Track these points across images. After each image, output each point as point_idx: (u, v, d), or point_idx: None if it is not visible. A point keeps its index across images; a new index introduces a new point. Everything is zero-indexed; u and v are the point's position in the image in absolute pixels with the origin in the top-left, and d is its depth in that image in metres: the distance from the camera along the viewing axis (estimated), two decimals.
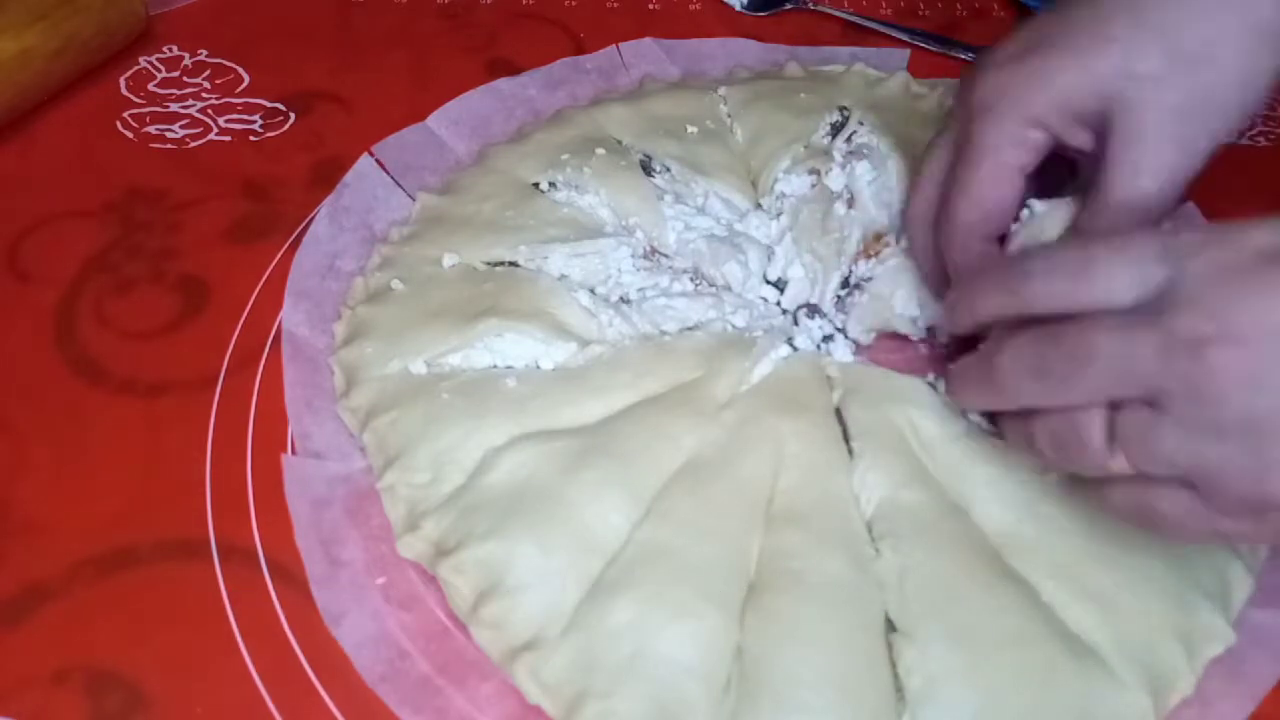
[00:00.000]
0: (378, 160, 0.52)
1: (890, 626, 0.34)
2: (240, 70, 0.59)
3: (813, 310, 0.46)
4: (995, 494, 0.37)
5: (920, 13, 0.67)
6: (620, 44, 0.61)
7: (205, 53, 0.60)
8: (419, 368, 0.41)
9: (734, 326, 0.44)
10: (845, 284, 0.46)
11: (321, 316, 0.45)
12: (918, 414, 0.39)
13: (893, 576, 0.35)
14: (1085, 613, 0.35)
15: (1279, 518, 0.28)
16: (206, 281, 0.47)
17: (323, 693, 0.34)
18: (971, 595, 0.35)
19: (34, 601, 0.36)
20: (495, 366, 0.42)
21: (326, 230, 0.48)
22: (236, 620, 0.36)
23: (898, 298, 0.44)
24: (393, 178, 0.52)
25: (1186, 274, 0.27)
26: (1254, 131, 0.58)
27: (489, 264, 0.46)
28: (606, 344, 0.42)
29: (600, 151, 0.50)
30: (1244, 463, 0.26)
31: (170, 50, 0.60)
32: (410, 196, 0.51)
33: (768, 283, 0.47)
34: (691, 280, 0.46)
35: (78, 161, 0.53)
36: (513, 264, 0.46)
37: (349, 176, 0.51)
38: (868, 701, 0.33)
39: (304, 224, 0.49)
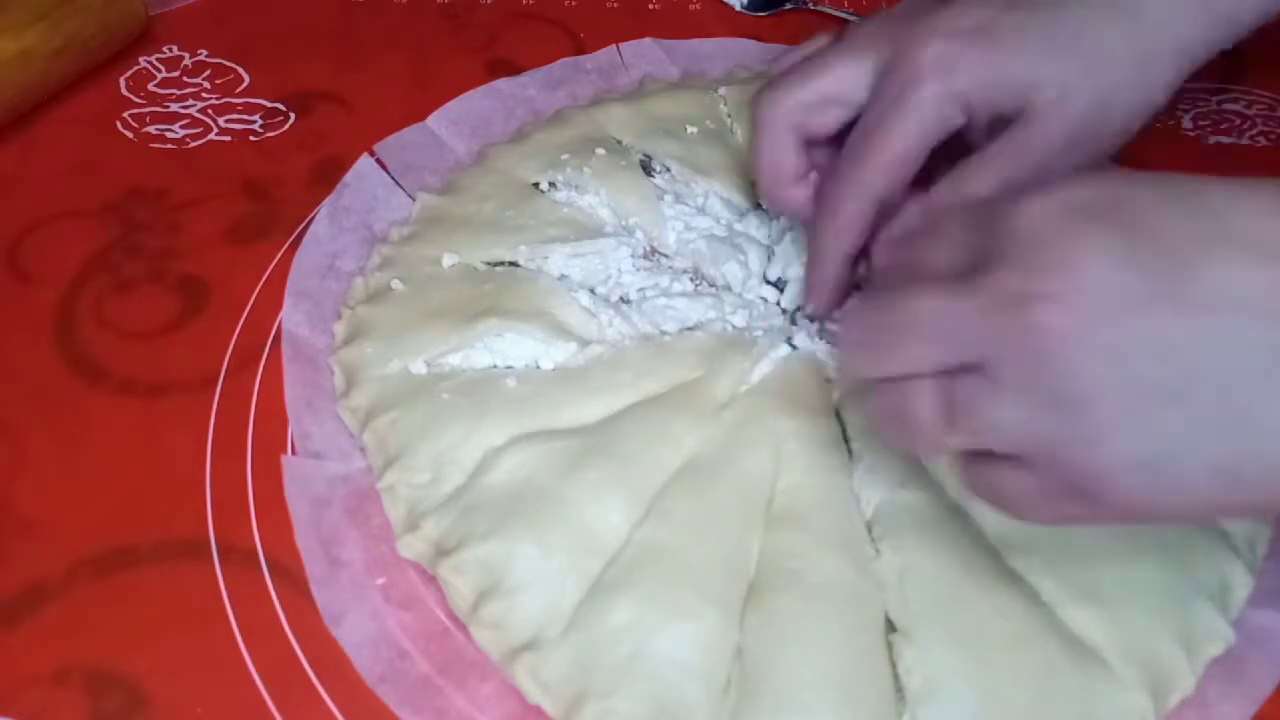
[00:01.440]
0: (378, 160, 0.52)
1: (890, 627, 0.34)
2: (240, 70, 0.59)
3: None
4: None
5: None
6: (620, 44, 0.61)
7: (205, 53, 0.60)
8: (419, 368, 0.41)
9: (734, 326, 0.44)
10: None
11: (321, 316, 0.45)
12: None
13: (893, 576, 0.35)
14: (1085, 613, 0.35)
15: (1115, 497, 0.25)
16: (206, 281, 0.47)
17: (323, 693, 0.34)
18: (972, 595, 0.34)
19: (34, 601, 0.36)
20: (495, 366, 0.41)
21: (326, 230, 0.48)
22: (236, 620, 0.36)
23: None
24: (393, 178, 0.51)
25: (1005, 233, 0.26)
26: (1254, 131, 0.58)
27: (489, 264, 0.46)
28: (606, 344, 0.42)
29: (600, 151, 0.50)
30: (1072, 432, 0.25)
31: (170, 50, 0.60)
32: (410, 196, 0.51)
33: (768, 283, 0.47)
34: (691, 280, 0.46)
35: (78, 161, 0.53)
36: (513, 264, 0.46)
37: (349, 176, 0.51)
38: (868, 701, 0.33)
39: (304, 224, 0.49)
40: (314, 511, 0.38)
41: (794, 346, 0.43)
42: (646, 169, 0.50)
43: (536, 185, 0.49)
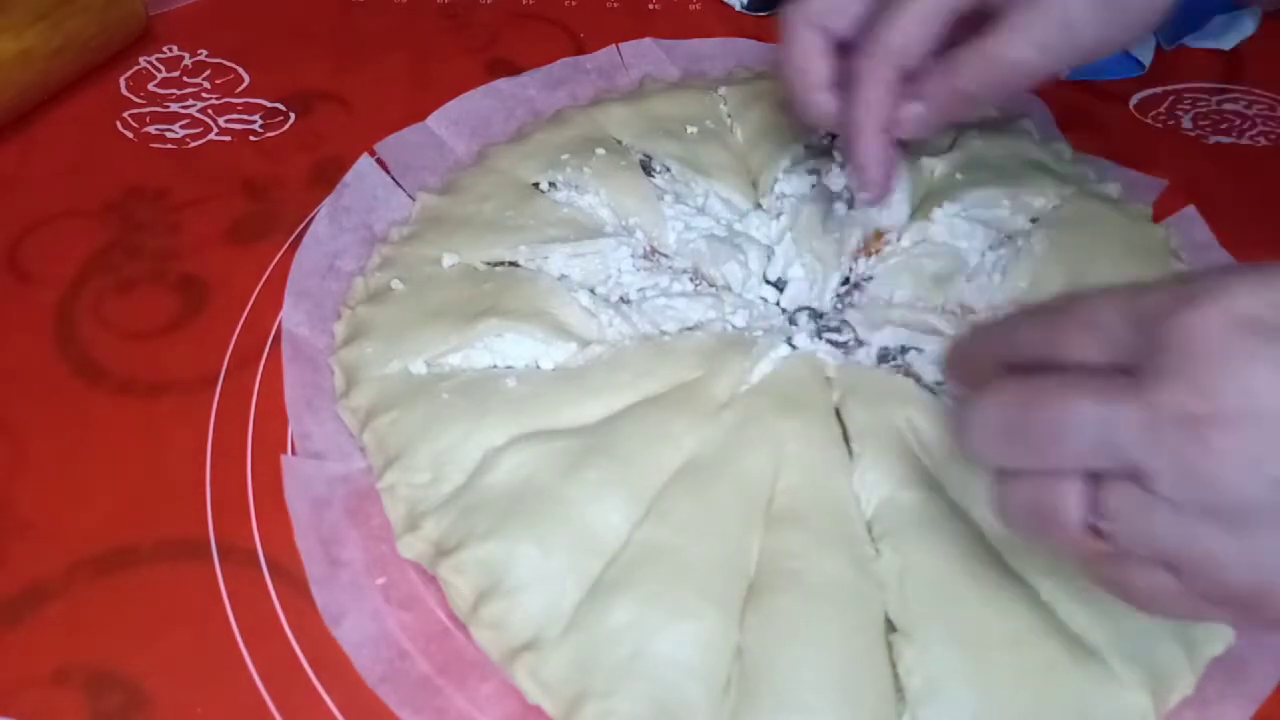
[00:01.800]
0: (378, 160, 0.52)
1: (890, 627, 0.34)
2: (240, 70, 0.59)
3: (814, 315, 0.46)
4: None
5: None
6: (620, 44, 0.61)
7: (205, 53, 0.60)
8: (419, 368, 0.41)
9: (734, 326, 0.44)
10: (845, 282, 0.47)
11: (321, 316, 0.45)
12: (917, 415, 0.39)
13: (893, 577, 0.35)
14: (1084, 613, 0.35)
15: (1270, 610, 0.25)
16: (206, 281, 0.47)
17: (323, 693, 0.34)
18: (971, 595, 0.34)
19: (34, 601, 0.36)
20: (495, 366, 0.41)
21: (326, 230, 0.48)
22: (236, 620, 0.36)
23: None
24: (393, 178, 0.51)
25: (1170, 344, 0.25)
26: (1254, 131, 0.58)
27: (489, 264, 0.46)
28: (606, 344, 0.42)
29: (600, 151, 0.50)
30: (1237, 550, 0.25)
31: (170, 50, 0.60)
32: (410, 196, 0.51)
33: (768, 283, 0.47)
34: (691, 280, 0.46)
35: (78, 161, 0.53)
36: (513, 264, 0.46)
37: (349, 176, 0.51)
38: (868, 701, 0.33)
39: (304, 224, 0.49)
40: (314, 511, 0.38)
41: (794, 346, 0.43)
42: (646, 169, 0.50)
43: (536, 185, 0.49)
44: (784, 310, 0.46)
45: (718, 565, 0.35)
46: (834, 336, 0.44)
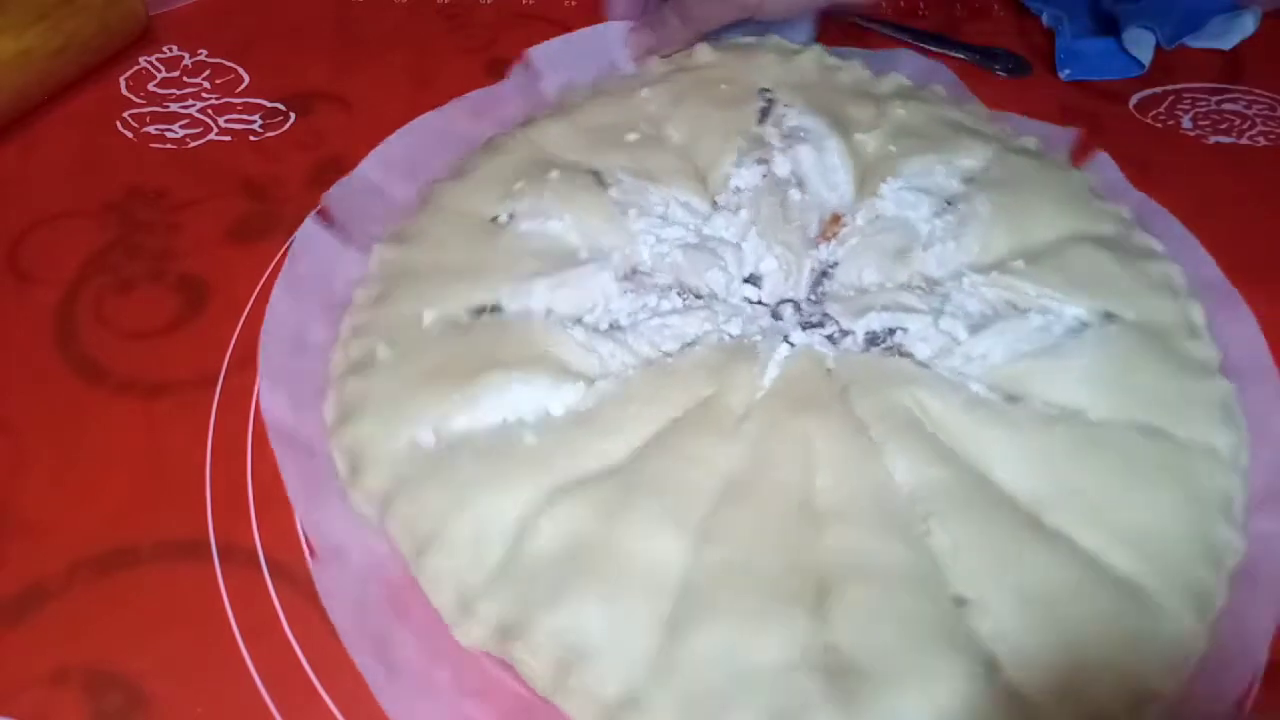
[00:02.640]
0: (321, 213, 0.48)
1: (956, 601, 0.35)
2: (240, 70, 0.59)
3: (796, 307, 0.46)
4: (1010, 457, 0.38)
5: (920, 13, 0.67)
6: (529, 50, 0.58)
7: (205, 53, 0.60)
8: (427, 438, 0.39)
9: (731, 335, 0.43)
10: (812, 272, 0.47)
11: (304, 398, 0.42)
12: (922, 392, 0.40)
13: (947, 553, 0.36)
14: (1125, 555, 0.36)
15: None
16: (206, 281, 0.47)
17: (323, 693, 0.34)
18: (1025, 558, 0.35)
19: (34, 601, 0.36)
20: (506, 422, 0.39)
21: (286, 304, 0.44)
22: (236, 620, 0.36)
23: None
24: (340, 234, 0.48)
25: None
26: (1254, 131, 0.58)
27: (472, 312, 0.43)
28: (611, 376, 0.41)
29: (554, 174, 0.48)
30: None
31: (170, 50, 0.60)
32: (363, 251, 0.47)
33: (746, 281, 0.47)
34: (679, 295, 0.45)
35: (78, 161, 0.53)
36: (495, 308, 0.43)
37: (296, 244, 0.47)
38: (958, 671, 0.33)
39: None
40: (358, 616, 0.35)
41: (791, 344, 0.43)
42: (600, 185, 0.48)
43: (495, 219, 0.47)
44: (767, 306, 0.46)
45: (783, 571, 0.35)
46: (820, 331, 0.44)
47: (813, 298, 0.46)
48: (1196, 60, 0.62)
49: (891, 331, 0.43)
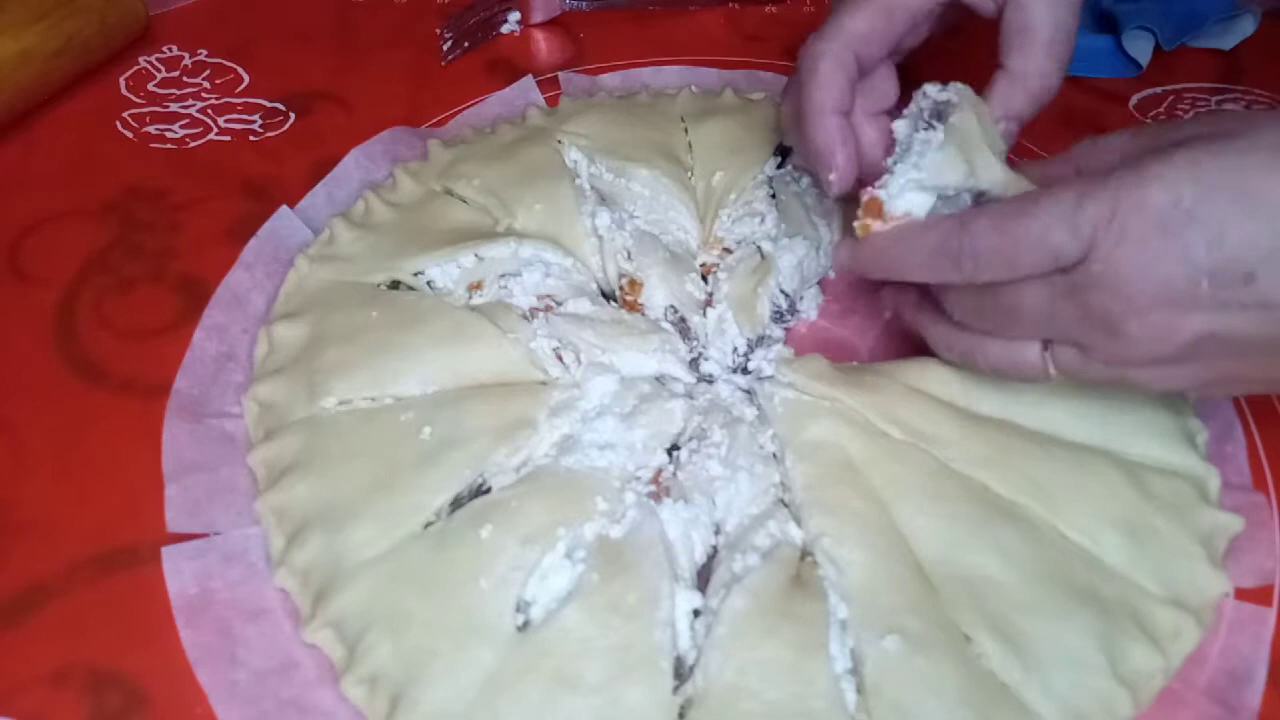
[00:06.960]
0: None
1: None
2: (240, 70, 0.59)
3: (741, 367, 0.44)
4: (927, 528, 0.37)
5: None
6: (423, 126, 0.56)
7: (205, 53, 0.60)
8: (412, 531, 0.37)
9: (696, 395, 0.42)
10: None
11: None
12: (832, 423, 0.39)
13: (961, 588, 0.35)
14: (1115, 543, 0.37)
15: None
16: (207, 281, 0.47)
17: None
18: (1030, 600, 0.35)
19: (34, 601, 0.36)
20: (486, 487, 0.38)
21: (187, 439, 0.41)
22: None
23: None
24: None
25: (1098, 250, 0.32)
26: None
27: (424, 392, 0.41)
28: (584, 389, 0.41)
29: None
30: (1148, 377, 0.34)
31: (170, 50, 0.60)
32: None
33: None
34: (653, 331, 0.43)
35: (78, 161, 0.53)
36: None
37: (183, 372, 0.43)
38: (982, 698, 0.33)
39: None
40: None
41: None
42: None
43: (397, 284, 0.45)
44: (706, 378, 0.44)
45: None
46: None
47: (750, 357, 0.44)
48: (1196, 60, 0.62)
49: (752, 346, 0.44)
